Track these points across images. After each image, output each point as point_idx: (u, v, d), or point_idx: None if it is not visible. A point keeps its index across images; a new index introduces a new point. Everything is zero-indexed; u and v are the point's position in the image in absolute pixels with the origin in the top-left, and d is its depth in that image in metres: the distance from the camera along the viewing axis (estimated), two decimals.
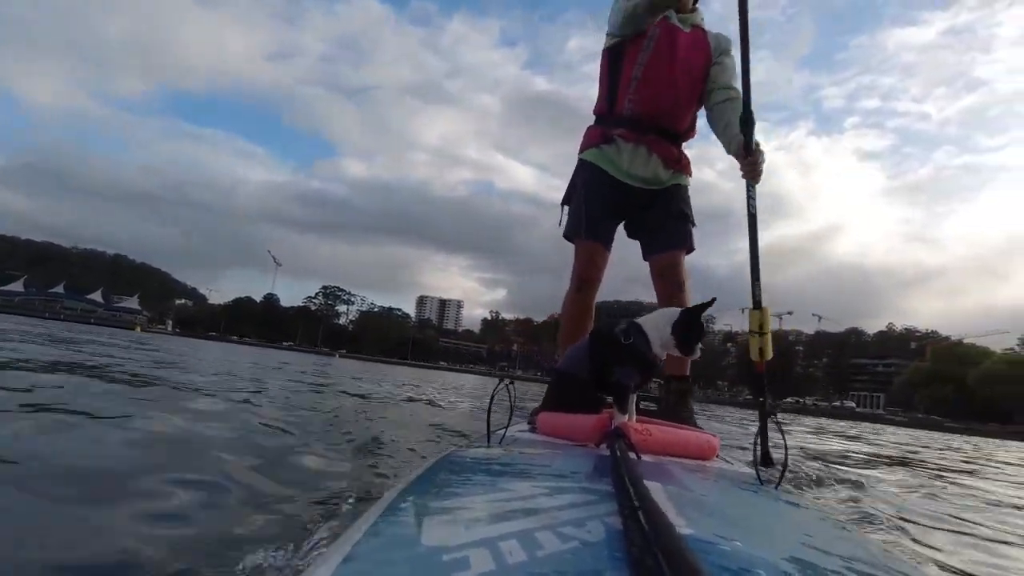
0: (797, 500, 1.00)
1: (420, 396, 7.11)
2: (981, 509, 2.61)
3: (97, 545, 1.08)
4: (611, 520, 0.56)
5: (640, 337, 1.33)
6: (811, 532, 0.78)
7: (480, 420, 2.76)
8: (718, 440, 1.40)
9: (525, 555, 0.47)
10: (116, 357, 6.40)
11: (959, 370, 59.04)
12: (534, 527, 0.54)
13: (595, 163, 2.21)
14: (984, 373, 56.86)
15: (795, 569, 0.52)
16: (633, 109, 2.16)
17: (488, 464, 0.97)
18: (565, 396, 1.50)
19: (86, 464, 1.61)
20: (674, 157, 2.19)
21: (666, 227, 2.21)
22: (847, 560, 0.61)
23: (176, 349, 12.61)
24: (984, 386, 55.22)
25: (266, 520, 1.34)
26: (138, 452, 1.83)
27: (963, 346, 67.06)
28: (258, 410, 3.24)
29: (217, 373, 6.35)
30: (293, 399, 4.33)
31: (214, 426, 2.44)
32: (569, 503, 0.63)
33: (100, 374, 4.22)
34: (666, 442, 1.22)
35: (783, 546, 0.63)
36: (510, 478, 0.82)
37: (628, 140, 2.16)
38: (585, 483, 0.76)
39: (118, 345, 9.89)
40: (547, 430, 1.43)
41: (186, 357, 9.35)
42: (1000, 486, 3.85)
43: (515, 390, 1.34)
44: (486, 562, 0.46)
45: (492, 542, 0.50)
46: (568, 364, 1.55)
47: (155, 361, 6.85)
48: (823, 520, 0.89)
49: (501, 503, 0.65)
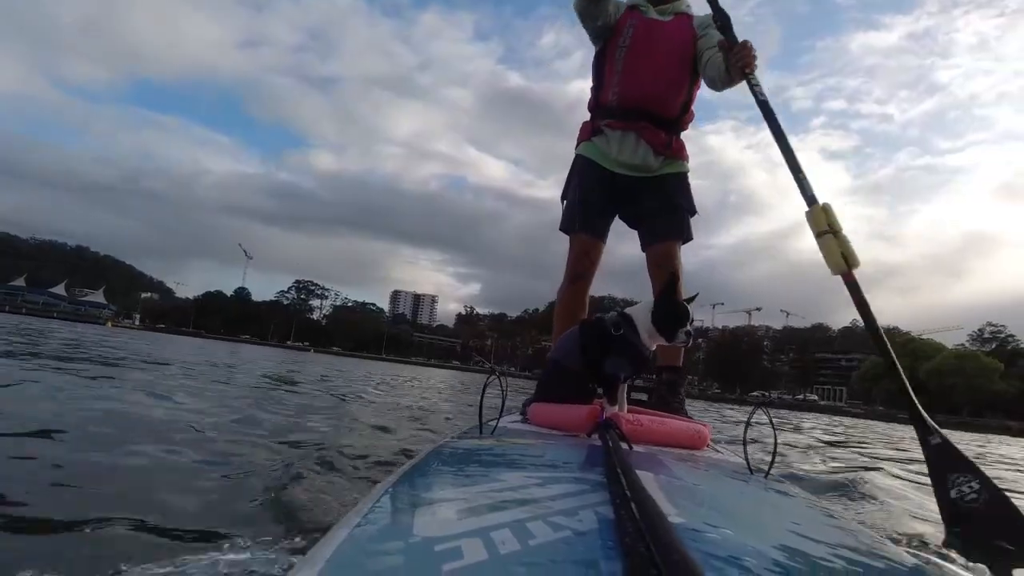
0: (786, 489, 1.02)
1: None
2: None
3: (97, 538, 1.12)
4: (603, 510, 0.57)
5: (629, 328, 1.35)
6: (800, 520, 0.79)
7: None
8: (709, 430, 1.40)
9: (518, 545, 0.48)
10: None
11: (913, 364, 61.69)
12: (526, 517, 0.55)
13: (587, 155, 2.26)
14: (935, 367, 59.55)
15: (784, 557, 0.53)
16: (618, 98, 2.19)
17: (480, 454, 0.98)
18: (557, 386, 1.50)
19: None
20: (664, 143, 2.18)
21: (662, 217, 2.21)
22: (835, 547, 0.62)
23: (158, 344, 12.48)
24: (935, 380, 57.96)
25: (259, 510, 1.38)
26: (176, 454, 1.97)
27: (917, 341, 69.67)
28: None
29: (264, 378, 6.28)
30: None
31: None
32: (561, 493, 0.64)
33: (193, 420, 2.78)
34: (657, 432, 1.23)
35: (772, 534, 0.64)
36: (502, 468, 0.84)
37: (616, 128, 2.19)
38: (577, 473, 0.78)
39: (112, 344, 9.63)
40: (539, 420, 1.43)
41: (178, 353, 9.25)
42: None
43: (506, 382, 1.35)
44: (479, 552, 0.46)
45: (484, 532, 0.50)
46: (559, 354, 1.55)
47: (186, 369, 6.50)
48: (811, 508, 0.90)
49: (493, 493, 0.66)
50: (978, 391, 57.03)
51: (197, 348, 16.61)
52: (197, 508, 1.38)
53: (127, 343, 12.16)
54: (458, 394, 8.96)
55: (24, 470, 1.54)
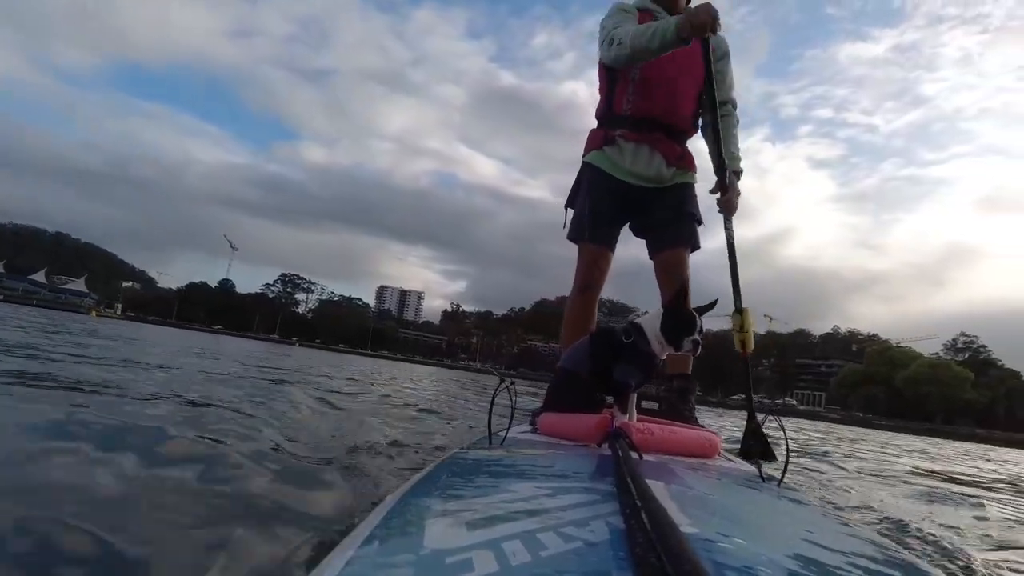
0: (799, 497, 1.01)
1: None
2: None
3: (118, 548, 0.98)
4: (614, 520, 0.57)
5: (640, 336, 1.37)
6: (814, 529, 0.78)
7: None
8: (720, 438, 1.39)
9: (528, 556, 0.48)
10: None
11: (890, 373, 63.40)
12: (537, 528, 0.55)
13: (597, 165, 2.23)
14: (910, 375, 61.28)
15: (799, 567, 0.52)
16: (633, 109, 2.18)
17: (490, 465, 0.97)
18: (566, 396, 1.51)
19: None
20: (677, 154, 2.19)
21: (671, 225, 2.21)
22: (850, 556, 0.61)
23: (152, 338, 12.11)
24: (910, 387, 59.64)
25: (270, 523, 1.25)
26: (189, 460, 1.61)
27: (894, 349, 71.43)
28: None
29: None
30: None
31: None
32: (572, 503, 0.64)
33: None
34: (668, 441, 1.24)
35: (786, 544, 0.63)
36: (512, 479, 0.83)
37: (630, 140, 2.18)
38: (587, 483, 0.78)
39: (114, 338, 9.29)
40: (549, 430, 1.44)
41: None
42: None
43: (515, 391, 1.33)
44: (489, 564, 0.46)
45: (495, 543, 0.50)
46: (569, 364, 1.56)
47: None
48: (825, 517, 0.88)
49: (504, 504, 0.66)
50: (950, 400, 58.79)
51: (187, 339, 15.70)
52: (205, 518, 1.18)
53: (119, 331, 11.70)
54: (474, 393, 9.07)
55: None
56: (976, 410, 57.79)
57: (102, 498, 1.25)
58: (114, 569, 0.95)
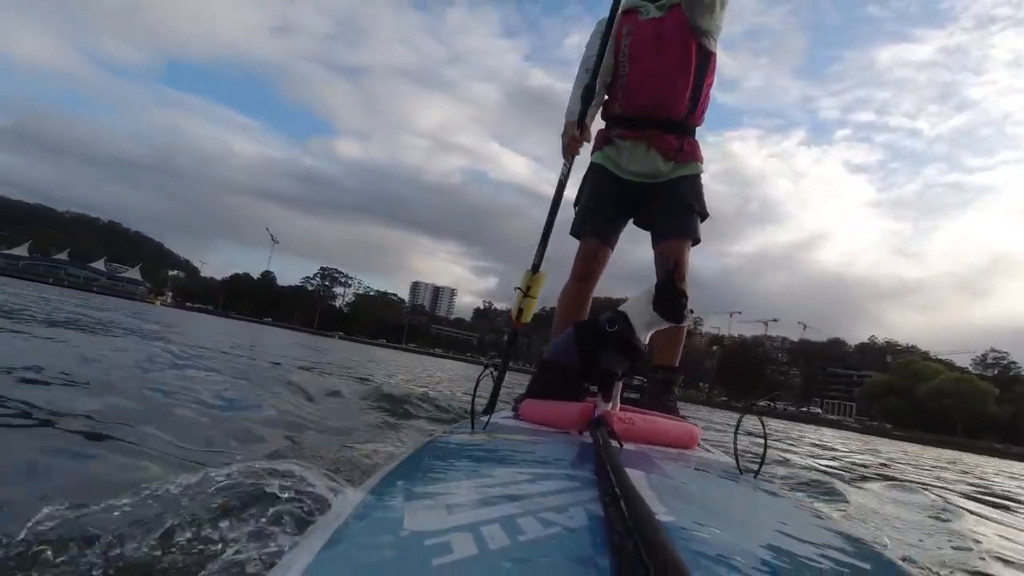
0: (775, 490, 1.02)
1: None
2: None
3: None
4: (592, 507, 0.58)
5: (624, 323, 1.39)
6: (788, 520, 0.79)
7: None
8: (699, 430, 1.42)
9: (507, 540, 0.48)
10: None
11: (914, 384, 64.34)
12: (516, 513, 0.55)
13: (600, 163, 2.31)
14: (933, 388, 62.00)
15: (772, 556, 0.54)
16: (623, 109, 2.25)
17: (471, 450, 0.98)
18: (549, 384, 1.52)
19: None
20: (674, 148, 2.19)
21: (672, 217, 2.23)
22: (822, 548, 0.63)
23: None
24: (932, 400, 60.58)
25: (245, 502, 1.13)
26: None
27: (919, 363, 71.49)
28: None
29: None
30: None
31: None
32: (551, 489, 0.65)
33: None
34: (648, 431, 1.25)
35: (761, 534, 0.64)
36: (493, 464, 0.84)
37: (626, 138, 2.24)
38: (568, 470, 0.79)
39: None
40: (531, 417, 1.43)
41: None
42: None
43: (499, 375, 1.33)
44: (468, 547, 0.47)
45: (474, 527, 0.51)
46: (554, 353, 1.56)
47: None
48: (799, 508, 0.90)
49: (484, 489, 0.67)
50: (973, 413, 59.33)
51: (254, 331, 16.96)
52: (175, 491, 1.07)
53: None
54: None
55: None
56: (1000, 425, 58.39)
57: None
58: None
